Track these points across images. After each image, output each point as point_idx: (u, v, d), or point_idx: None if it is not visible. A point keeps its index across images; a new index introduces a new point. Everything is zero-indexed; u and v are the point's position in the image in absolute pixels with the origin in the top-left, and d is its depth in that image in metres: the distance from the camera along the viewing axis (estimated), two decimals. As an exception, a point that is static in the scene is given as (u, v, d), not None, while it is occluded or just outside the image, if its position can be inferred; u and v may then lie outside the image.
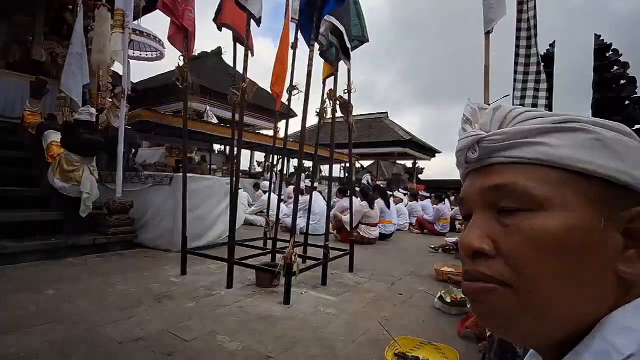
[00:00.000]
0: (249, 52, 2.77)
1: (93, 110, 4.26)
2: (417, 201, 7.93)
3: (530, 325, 0.32)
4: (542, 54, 4.74)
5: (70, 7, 5.76)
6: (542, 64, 4.44)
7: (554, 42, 5.92)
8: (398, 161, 19.45)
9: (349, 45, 2.92)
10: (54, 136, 4.12)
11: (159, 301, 2.32)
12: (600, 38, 7.29)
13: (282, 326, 2.03)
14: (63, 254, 3.37)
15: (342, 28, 2.69)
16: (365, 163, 22.49)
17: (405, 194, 8.12)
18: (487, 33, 3.40)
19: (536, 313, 0.32)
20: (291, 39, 3.55)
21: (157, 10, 3.10)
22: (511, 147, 0.35)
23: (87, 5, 5.37)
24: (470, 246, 0.35)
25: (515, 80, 4.58)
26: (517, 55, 4.55)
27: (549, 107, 4.51)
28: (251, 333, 1.91)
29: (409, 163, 20.46)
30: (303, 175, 11.26)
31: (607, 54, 7.50)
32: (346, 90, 3.31)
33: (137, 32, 5.92)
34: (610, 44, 7.55)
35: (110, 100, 5.15)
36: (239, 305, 2.34)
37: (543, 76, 4.24)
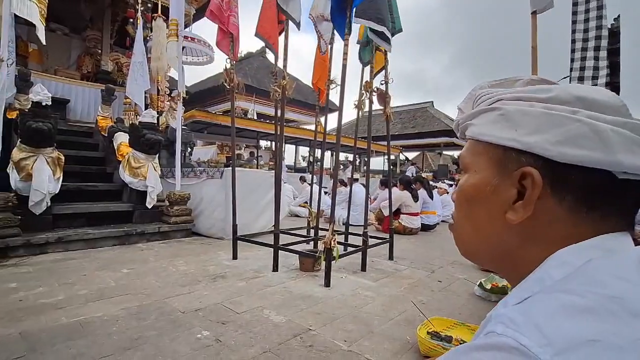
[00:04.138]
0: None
1: (154, 112, 4.74)
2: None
3: (462, 249, 0.48)
4: (607, 28, 4.32)
5: (132, 20, 6.40)
6: (605, 39, 4.07)
7: (618, 16, 5.35)
8: (445, 152, 18.72)
9: (382, 30, 2.87)
10: (123, 137, 4.68)
11: (214, 280, 2.61)
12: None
13: (322, 305, 2.19)
14: (134, 240, 3.86)
15: (374, 26, 2.74)
16: (411, 155, 21.94)
17: (450, 185, 7.88)
18: (534, 13, 3.22)
19: (461, 242, 0.48)
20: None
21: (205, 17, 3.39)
22: (465, 128, 0.48)
23: (146, 17, 5.94)
24: (452, 199, 0.52)
25: (572, 60, 4.26)
26: (573, 32, 4.22)
27: (611, 85, 4.12)
28: (294, 309, 2.10)
29: (457, 153, 19.62)
30: (348, 167, 11.37)
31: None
32: (383, 82, 3.35)
33: (189, 38, 6.39)
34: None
35: (168, 103, 5.67)
36: (283, 286, 2.54)
37: (603, 53, 3.90)
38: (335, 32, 3.12)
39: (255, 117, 11.92)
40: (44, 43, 3.46)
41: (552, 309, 0.32)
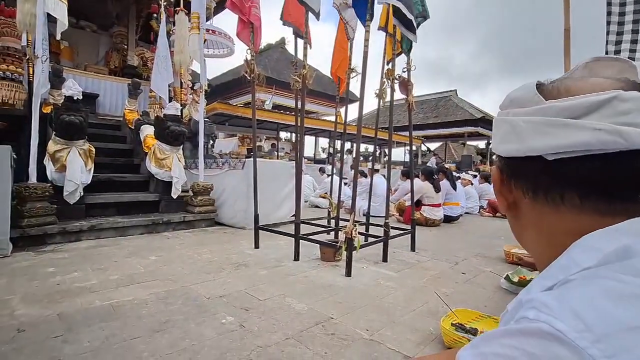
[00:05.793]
0: (308, 44, 2.92)
1: (178, 105, 4.84)
2: (490, 183, 7.45)
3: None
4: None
5: (155, 15, 6.53)
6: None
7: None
8: (469, 142, 18.19)
9: (411, 18, 2.80)
10: (149, 129, 4.81)
11: (237, 268, 2.67)
12: None
13: (343, 294, 2.20)
14: (161, 229, 3.99)
15: (400, 6, 2.65)
16: (433, 146, 21.47)
17: (474, 176, 7.66)
18: (568, -8, 3.02)
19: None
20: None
21: (226, 9, 3.41)
22: None
23: (169, 11, 6.04)
24: None
25: (608, 32, 3.99)
26: (609, 4, 3.94)
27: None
28: (316, 298, 2.11)
29: (482, 144, 19.01)
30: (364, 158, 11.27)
31: None
32: (405, 69, 3.26)
33: (210, 31, 6.46)
34: None
35: (191, 96, 5.78)
36: (304, 275, 2.57)
37: None
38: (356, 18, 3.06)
39: (270, 108, 11.99)
40: (58, 38, 3.59)
41: (590, 294, 0.30)
